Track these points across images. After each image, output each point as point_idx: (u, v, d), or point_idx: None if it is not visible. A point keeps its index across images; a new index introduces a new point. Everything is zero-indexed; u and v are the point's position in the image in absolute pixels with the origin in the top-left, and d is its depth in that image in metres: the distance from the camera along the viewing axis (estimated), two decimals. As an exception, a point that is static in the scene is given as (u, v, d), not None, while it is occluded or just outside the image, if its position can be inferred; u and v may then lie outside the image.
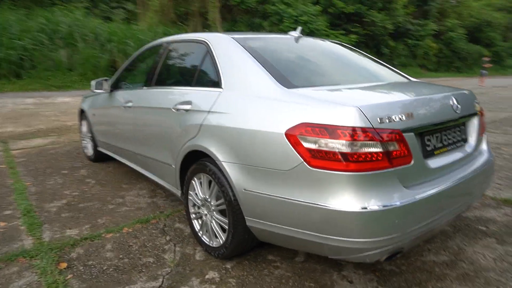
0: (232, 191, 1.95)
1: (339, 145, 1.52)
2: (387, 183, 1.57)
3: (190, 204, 2.39)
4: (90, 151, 4.37)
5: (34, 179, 3.73)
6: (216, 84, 2.19)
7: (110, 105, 3.51)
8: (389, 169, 1.56)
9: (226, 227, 2.07)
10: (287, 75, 1.98)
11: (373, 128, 1.53)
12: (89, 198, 3.25)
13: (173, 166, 2.49)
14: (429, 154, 1.81)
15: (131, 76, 3.52)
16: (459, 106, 1.96)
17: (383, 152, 1.54)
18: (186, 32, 18.37)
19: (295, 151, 1.62)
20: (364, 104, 1.58)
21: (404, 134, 1.61)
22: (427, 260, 2.19)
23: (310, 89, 1.87)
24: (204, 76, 2.39)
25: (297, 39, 2.67)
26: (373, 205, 1.51)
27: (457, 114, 1.94)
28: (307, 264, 2.16)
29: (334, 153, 1.53)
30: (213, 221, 2.19)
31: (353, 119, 1.53)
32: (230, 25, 20.21)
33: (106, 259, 2.24)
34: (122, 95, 3.34)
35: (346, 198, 1.52)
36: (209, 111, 2.11)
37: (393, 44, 28.22)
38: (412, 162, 1.65)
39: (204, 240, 2.29)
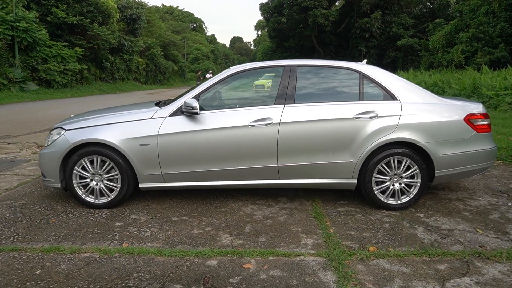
0: (421, 161, 3.32)
1: (486, 121, 3.41)
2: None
3: (373, 183, 3.39)
4: (108, 195, 3.46)
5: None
6: (390, 98, 3.37)
7: (209, 127, 3.31)
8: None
9: (416, 184, 3.38)
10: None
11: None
12: (262, 228, 3.09)
13: (353, 161, 3.33)
14: None
15: (223, 96, 3.44)
16: None
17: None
18: None
19: (470, 127, 3.34)
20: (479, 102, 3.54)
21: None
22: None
23: (446, 98, 3.56)
24: (371, 93, 3.41)
25: None
26: (495, 145, 3.52)
27: None
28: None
29: (486, 125, 3.40)
30: (402, 184, 3.39)
31: (484, 109, 3.46)
32: None
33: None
34: (235, 115, 3.34)
35: (492, 143, 3.45)
36: (400, 115, 3.30)
37: (112, 59, 28.81)
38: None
39: (391, 202, 3.42)
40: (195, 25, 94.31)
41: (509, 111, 9.54)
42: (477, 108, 3.46)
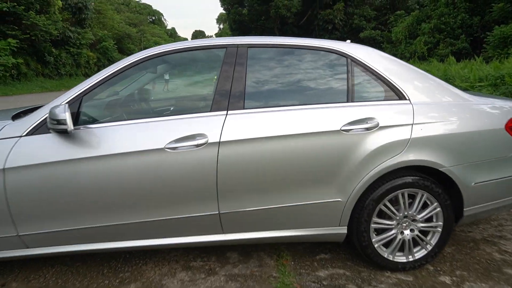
0: (444, 194, 2.12)
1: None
2: None
3: (371, 231, 2.14)
4: None
5: None
6: (396, 97, 2.12)
7: (97, 153, 1.89)
8: None
9: (436, 229, 2.18)
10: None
11: None
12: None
13: (340, 200, 2.06)
14: None
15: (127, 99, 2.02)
16: None
17: None
18: None
19: (513, 139, 2.17)
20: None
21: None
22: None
23: (473, 94, 2.35)
24: (366, 90, 2.13)
25: None
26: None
27: None
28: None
29: (533, 133, 2.24)
30: (415, 232, 2.18)
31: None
32: None
33: None
34: (142, 132, 1.95)
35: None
36: (413, 124, 2.06)
37: (56, 52, 25.96)
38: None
39: (399, 260, 2.20)
40: (153, 18, 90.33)
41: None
42: (520, 109, 2.29)
